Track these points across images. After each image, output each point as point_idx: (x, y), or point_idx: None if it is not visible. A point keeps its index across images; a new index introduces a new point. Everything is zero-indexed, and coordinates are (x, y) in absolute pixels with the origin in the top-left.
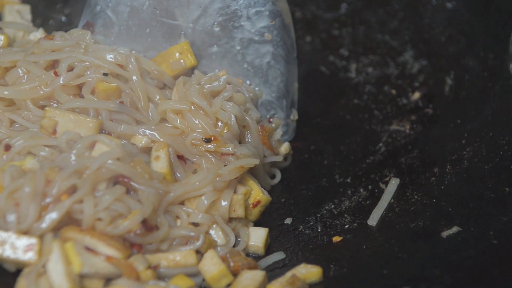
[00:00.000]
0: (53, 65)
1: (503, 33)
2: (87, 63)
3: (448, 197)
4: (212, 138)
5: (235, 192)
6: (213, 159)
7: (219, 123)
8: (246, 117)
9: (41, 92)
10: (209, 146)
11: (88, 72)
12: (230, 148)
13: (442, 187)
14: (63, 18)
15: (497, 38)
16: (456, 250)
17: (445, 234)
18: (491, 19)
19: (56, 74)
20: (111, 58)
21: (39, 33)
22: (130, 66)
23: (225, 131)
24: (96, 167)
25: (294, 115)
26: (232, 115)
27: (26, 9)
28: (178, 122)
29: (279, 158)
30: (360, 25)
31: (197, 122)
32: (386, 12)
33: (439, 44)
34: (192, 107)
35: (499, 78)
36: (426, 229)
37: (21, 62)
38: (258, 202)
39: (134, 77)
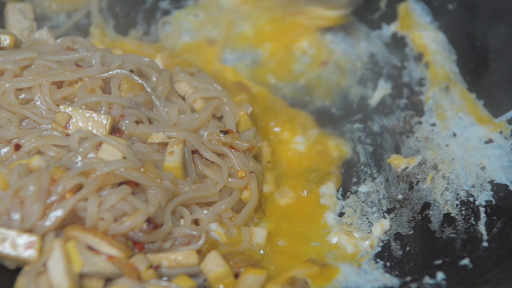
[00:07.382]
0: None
1: (504, 34)
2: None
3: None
4: (229, 132)
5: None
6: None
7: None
8: None
9: (64, 77)
10: (223, 137)
11: (115, 71)
12: (245, 143)
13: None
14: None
15: (498, 39)
16: (455, 251)
17: (444, 235)
18: (492, 21)
19: (77, 65)
20: (146, 59)
21: (44, 32)
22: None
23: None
24: (106, 171)
25: None
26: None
27: (28, 7)
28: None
29: None
30: None
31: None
32: None
33: None
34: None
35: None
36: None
37: (39, 61)
38: None
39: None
